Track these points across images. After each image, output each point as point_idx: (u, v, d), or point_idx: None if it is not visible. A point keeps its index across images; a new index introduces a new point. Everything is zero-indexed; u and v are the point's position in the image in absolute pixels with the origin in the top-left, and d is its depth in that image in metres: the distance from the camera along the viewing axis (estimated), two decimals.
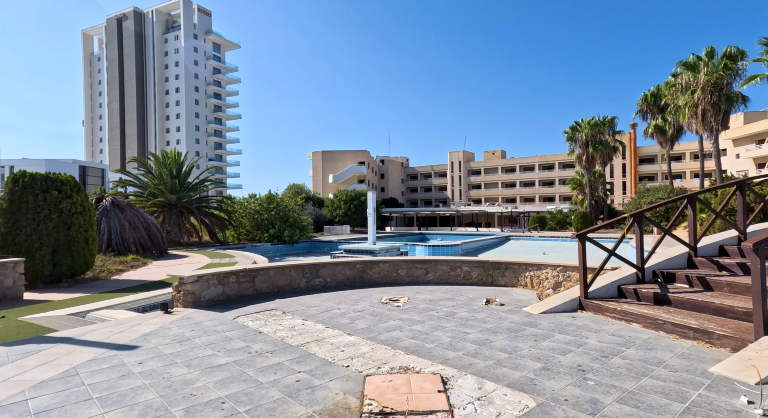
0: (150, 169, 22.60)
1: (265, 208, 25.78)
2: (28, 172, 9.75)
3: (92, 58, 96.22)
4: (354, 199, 51.22)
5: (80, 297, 8.13)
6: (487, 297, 5.91)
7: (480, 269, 7.04)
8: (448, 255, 22.19)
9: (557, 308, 5.07)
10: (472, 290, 6.65)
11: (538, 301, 5.84)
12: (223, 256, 16.38)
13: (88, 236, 10.33)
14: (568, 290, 5.50)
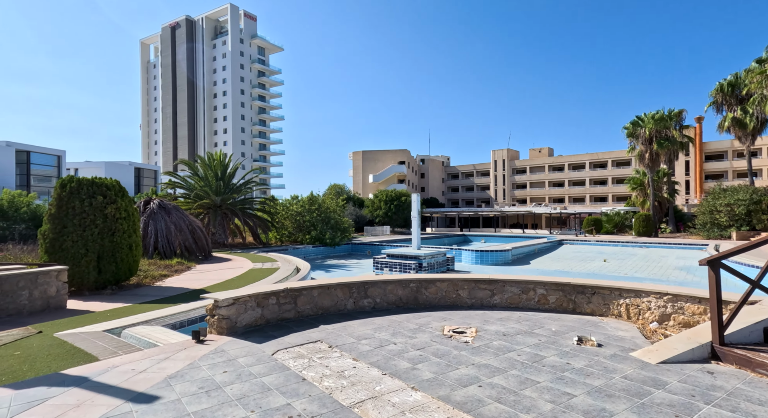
0: (196, 171, 22.92)
1: (307, 209, 25.51)
2: (75, 177, 9.65)
3: (149, 65, 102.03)
4: (394, 200, 50.43)
5: (120, 308, 7.80)
6: (577, 333, 4.77)
7: (559, 293, 5.89)
8: (499, 261, 20.74)
9: (681, 356, 3.87)
10: (552, 319, 5.52)
11: (644, 339, 4.63)
12: (265, 260, 16.04)
13: (132, 241, 10.13)
14: (689, 331, 4.27)
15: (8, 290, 7.13)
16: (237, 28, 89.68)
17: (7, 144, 29.25)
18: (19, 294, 7.26)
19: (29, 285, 7.41)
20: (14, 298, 7.20)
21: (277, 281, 11.08)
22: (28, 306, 7.38)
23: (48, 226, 9.25)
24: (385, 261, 17.34)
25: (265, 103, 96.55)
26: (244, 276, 11.91)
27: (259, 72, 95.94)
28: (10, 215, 17.36)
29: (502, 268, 19.32)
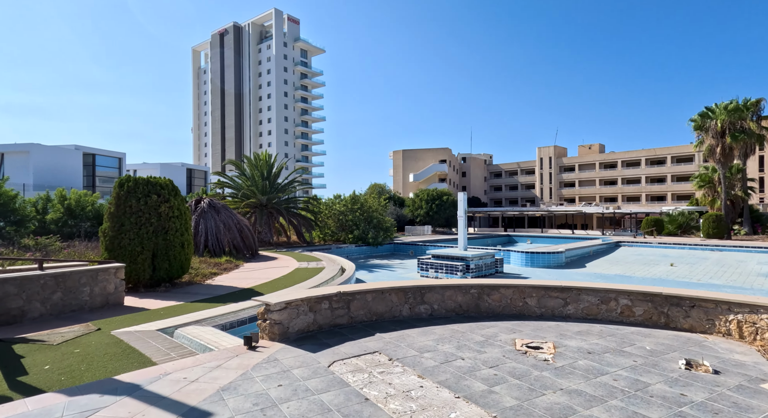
0: (243, 171, 23.45)
1: (350, 209, 25.42)
2: (132, 177, 9.90)
3: (199, 71, 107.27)
4: (436, 199, 49.56)
5: (173, 306, 7.83)
6: (682, 355, 4.02)
7: (647, 304, 5.11)
8: (551, 264, 19.54)
9: None
10: (641, 335, 4.77)
11: None
12: (310, 259, 15.99)
13: (184, 240, 10.26)
14: None
15: (71, 287, 7.32)
16: (281, 32, 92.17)
17: (75, 148, 31.46)
18: (81, 290, 7.44)
19: (90, 282, 7.59)
20: (76, 294, 7.39)
21: (323, 281, 10.87)
22: (89, 302, 7.56)
23: (108, 224, 9.54)
24: (431, 262, 16.78)
25: (307, 105, 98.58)
26: (291, 276, 11.81)
27: (302, 74, 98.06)
28: (77, 213, 18.47)
29: (555, 271, 18.16)
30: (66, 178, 29.55)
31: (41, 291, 6.94)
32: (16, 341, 5.53)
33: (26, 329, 6.26)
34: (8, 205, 14.41)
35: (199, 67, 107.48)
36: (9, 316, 6.56)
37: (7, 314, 6.55)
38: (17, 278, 6.69)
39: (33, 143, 28.41)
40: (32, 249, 12.83)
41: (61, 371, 4.46)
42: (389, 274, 17.82)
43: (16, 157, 28.63)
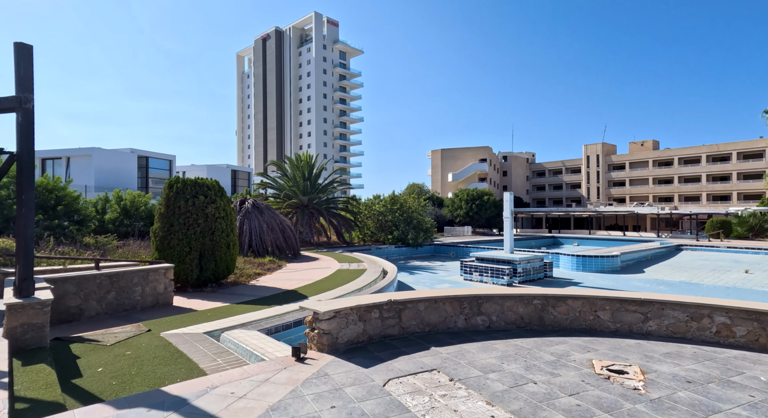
0: (285, 172, 23.77)
1: (389, 209, 25.13)
2: (181, 178, 10.08)
3: (243, 75, 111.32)
4: (476, 199, 48.29)
5: (219, 308, 7.81)
6: None
7: (751, 323, 4.35)
8: (605, 268, 18.24)
9: None
10: (750, 361, 4.04)
11: None
12: (351, 260, 15.82)
13: (230, 240, 10.34)
14: None
15: (124, 286, 7.46)
16: (320, 35, 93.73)
17: (131, 151, 33.34)
18: (133, 290, 7.58)
19: (141, 282, 7.72)
20: (129, 294, 7.53)
21: (365, 283, 10.59)
22: (141, 302, 7.68)
23: (158, 224, 9.76)
24: (474, 265, 16.11)
25: (345, 106, 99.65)
26: (333, 277, 11.64)
27: (341, 76, 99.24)
28: (131, 213, 19.39)
29: (610, 277, 16.91)
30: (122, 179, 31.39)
31: (97, 290, 7.12)
32: (73, 340, 5.62)
33: (83, 327, 6.40)
34: (72, 205, 15.29)
35: (243, 71, 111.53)
36: (68, 314, 6.76)
37: (67, 312, 6.74)
38: (76, 277, 6.88)
39: (94, 147, 30.34)
40: (92, 247, 13.50)
41: (112, 375, 4.42)
42: (431, 276, 17.33)
43: (79, 161, 30.71)
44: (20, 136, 5.00)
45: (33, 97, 5.04)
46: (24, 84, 4.95)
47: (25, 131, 4.99)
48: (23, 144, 4.99)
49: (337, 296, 8.91)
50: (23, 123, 4.97)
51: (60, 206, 14.71)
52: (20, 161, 5.06)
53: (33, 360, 4.45)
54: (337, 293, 9.16)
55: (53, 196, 14.72)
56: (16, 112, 5.02)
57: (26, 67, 4.89)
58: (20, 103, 4.94)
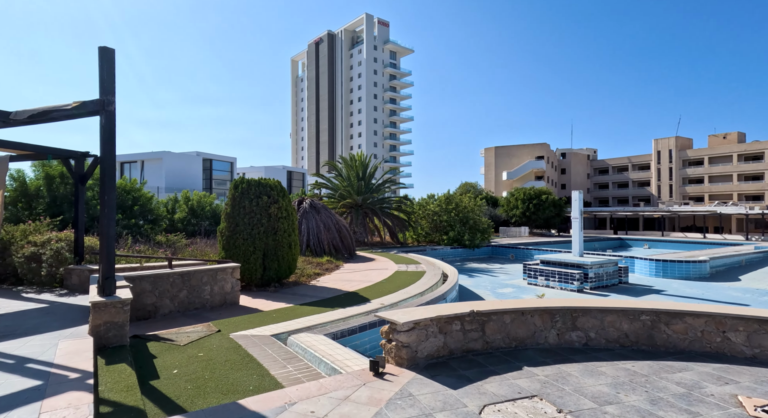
0: (340, 172, 23.93)
1: (444, 209, 24.46)
2: (246, 179, 10.25)
3: (297, 79, 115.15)
4: (533, 198, 46.01)
5: (283, 309, 7.75)
6: None
7: None
8: (690, 275, 16.33)
9: None
10: None
11: None
12: (408, 261, 15.44)
13: (291, 240, 10.36)
14: None
15: (195, 285, 7.62)
16: (371, 36, 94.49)
17: (197, 154, 35.42)
18: (202, 289, 7.73)
19: (210, 281, 7.85)
20: (199, 293, 7.68)
21: (427, 287, 10.16)
22: (210, 301, 7.82)
23: (224, 224, 9.98)
24: (539, 269, 15.09)
25: (395, 106, 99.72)
26: (393, 279, 11.32)
27: (391, 76, 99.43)
28: (198, 213, 20.41)
29: (698, 284, 15.10)
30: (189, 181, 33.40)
31: (170, 289, 7.31)
32: (150, 338, 5.73)
33: (158, 325, 6.57)
34: (146, 205, 16.32)
35: (297, 76, 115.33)
36: (144, 311, 6.99)
37: (143, 310, 6.97)
38: (151, 275, 7.11)
39: (165, 151, 32.54)
40: (164, 245, 14.29)
41: (187, 378, 4.37)
42: (491, 280, 16.51)
43: (152, 164, 33.11)
44: (103, 139, 5.14)
45: (115, 100, 5.16)
46: (106, 87, 5.08)
47: (107, 134, 5.12)
48: (105, 146, 5.12)
49: (399, 299, 8.56)
50: (106, 125, 5.10)
51: (136, 206, 15.74)
52: (103, 164, 5.21)
53: (115, 359, 4.51)
54: (399, 297, 8.81)
55: (130, 196, 15.77)
56: (99, 114, 5.17)
57: (109, 70, 5.00)
58: (103, 106, 5.06)
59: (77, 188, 8.40)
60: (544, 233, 48.41)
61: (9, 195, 14.18)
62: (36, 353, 4.30)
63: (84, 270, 8.20)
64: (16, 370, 3.80)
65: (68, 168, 8.42)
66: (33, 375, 3.66)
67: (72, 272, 8.35)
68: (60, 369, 3.79)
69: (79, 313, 6.51)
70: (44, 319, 6.02)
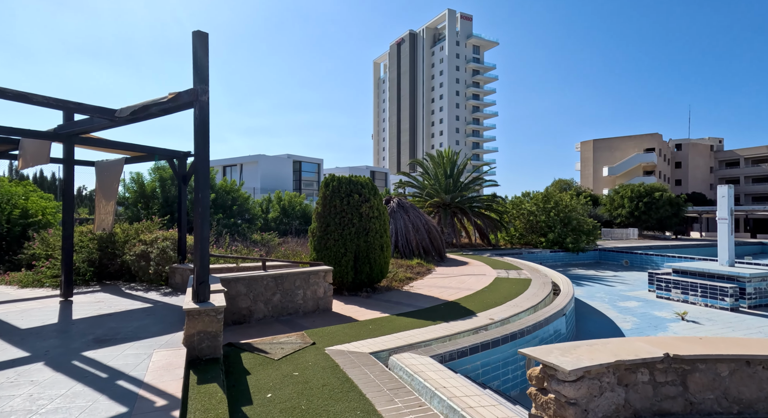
0: (426, 170, 22.94)
1: (542, 208, 22.11)
2: (336, 176, 9.75)
3: (379, 81, 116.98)
4: (644, 196, 40.35)
5: (379, 319, 6.96)
6: None
7: None
8: None
9: None
10: None
11: None
12: (506, 266, 13.88)
13: (383, 242, 9.61)
14: None
15: (288, 289, 7.19)
16: (453, 32, 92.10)
17: (287, 156, 37.15)
18: (295, 293, 7.27)
19: (303, 285, 7.37)
20: (292, 297, 7.23)
21: (539, 299, 8.67)
22: (302, 306, 7.34)
23: (315, 224, 9.57)
24: (673, 280, 12.47)
25: (478, 102, 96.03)
26: (495, 288, 9.98)
27: (474, 71, 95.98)
28: (289, 212, 20.95)
29: None
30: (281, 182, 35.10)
31: (264, 292, 6.95)
32: (243, 347, 5.29)
33: (252, 331, 6.18)
34: (244, 205, 17.00)
35: (379, 77, 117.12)
36: (240, 315, 6.69)
37: (239, 313, 6.68)
38: (246, 277, 6.80)
39: (260, 154, 34.57)
40: (258, 244, 14.63)
41: (282, 407, 3.70)
42: (607, 290, 14.17)
43: (249, 167, 35.41)
44: (196, 131, 4.75)
45: (208, 90, 4.75)
46: (201, 74, 4.68)
47: (200, 125, 4.72)
48: (199, 139, 4.72)
49: (510, 314, 7.27)
50: (199, 116, 4.70)
51: (235, 206, 16.43)
52: (196, 159, 4.83)
53: (207, 376, 4.02)
54: (509, 311, 7.52)
55: (230, 197, 16.52)
56: (193, 106, 4.80)
57: (203, 55, 4.59)
58: (197, 96, 4.67)
59: (180, 188, 8.56)
60: (658, 236, 42.16)
61: (130, 196, 15.68)
62: (129, 366, 3.98)
63: (186, 269, 8.30)
64: (106, 388, 3.45)
65: (173, 168, 8.62)
66: (120, 397, 3.24)
67: (175, 270, 8.53)
68: (149, 392, 3.34)
69: (178, 316, 6.39)
70: (145, 322, 5.95)
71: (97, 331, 5.31)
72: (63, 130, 6.67)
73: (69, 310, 6.54)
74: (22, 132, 6.47)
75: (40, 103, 4.91)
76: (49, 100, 4.99)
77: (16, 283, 8.37)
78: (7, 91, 4.69)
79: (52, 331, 5.32)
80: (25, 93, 4.78)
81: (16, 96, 4.75)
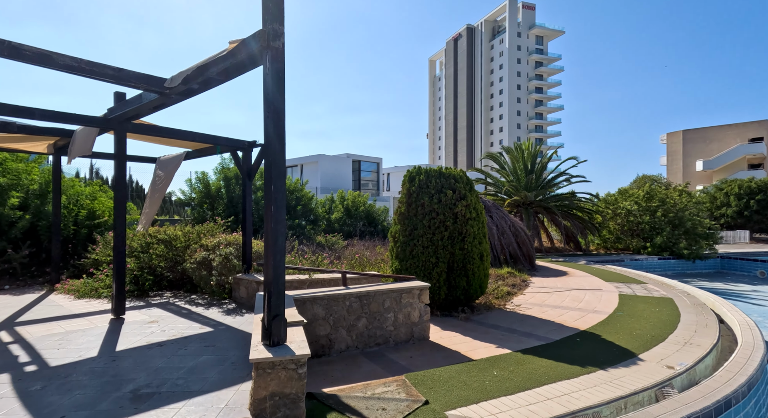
0: (503, 165, 20.56)
1: (644, 207, 18.83)
2: (423, 168, 8.02)
3: (435, 79, 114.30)
4: (755, 193, 34.45)
5: (499, 357, 5.09)
6: None
7: None
8: None
9: None
10: None
11: None
12: (623, 278, 11.33)
13: (482, 249, 7.72)
14: None
15: (375, 312, 5.57)
16: (515, 23, 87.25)
17: (347, 156, 36.28)
18: (384, 317, 5.63)
19: (394, 306, 5.71)
20: (380, 322, 5.60)
21: (713, 331, 6.30)
22: (393, 334, 5.68)
23: (398, 226, 7.89)
24: None
25: (542, 95, 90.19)
26: (630, 311, 7.66)
27: (537, 63, 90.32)
28: (352, 213, 19.65)
29: None
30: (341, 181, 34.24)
31: (347, 316, 5.38)
32: (330, 403, 3.69)
33: (335, 370, 4.61)
34: (307, 205, 15.88)
35: (435, 75, 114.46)
36: (318, 345, 5.17)
37: (316, 343, 5.16)
38: (324, 297, 5.27)
39: (320, 154, 33.97)
40: (325, 247, 13.35)
41: None
42: (759, 311, 11.07)
43: (309, 167, 34.96)
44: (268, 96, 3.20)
45: (284, 32, 3.19)
46: (273, 10, 3.14)
47: (274, 87, 3.17)
48: (270, 110, 3.17)
49: (696, 359, 5.05)
50: (272, 72, 3.16)
51: (299, 207, 15.35)
52: (267, 139, 3.30)
53: None
54: (689, 353, 5.29)
55: (294, 196, 15.47)
56: (262, 58, 3.26)
57: None
58: (268, 41, 3.13)
59: (245, 184, 7.31)
60: None
61: (196, 196, 15.14)
62: None
63: (251, 281, 7.01)
64: None
65: (236, 161, 7.40)
66: None
67: (240, 282, 7.28)
68: None
69: (243, 348, 5.00)
70: (201, 359, 4.60)
71: (140, 376, 4.01)
72: (113, 114, 5.57)
73: (116, 335, 5.43)
74: (69, 117, 5.46)
75: (67, 66, 3.66)
76: (81, 63, 3.74)
77: (73, 292, 7.62)
78: (25, 48, 3.48)
79: (85, 372, 4.12)
80: (47, 52, 3.55)
81: (37, 57, 3.52)
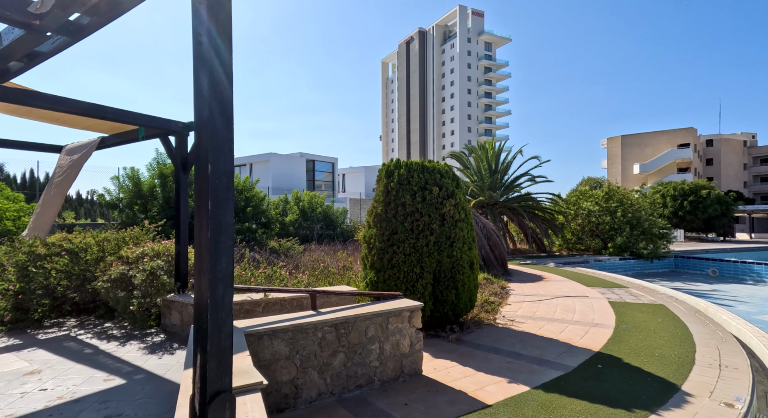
0: (467, 164, 19.91)
1: (604, 208, 18.98)
2: (404, 162, 6.77)
3: (387, 81, 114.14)
4: (688, 194, 37.03)
5: (518, 399, 3.94)
6: None
7: None
8: None
9: None
10: None
11: None
12: (602, 282, 10.80)
13: (472, 256, 6.62)
14: None
15: (354, 344, 4.21)
16: (465, 28, 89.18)
17: (300, 155, 34.29)
18: (367, 350, 4.29)
19: (379, 335, 4.39)
20: (363, 356, 4.25)
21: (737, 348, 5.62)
22: (379, 371, 4.35)
23: (374, 230, 6.57)
24: None
25: (491, 100, 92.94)
26: (634, 324, 6.91)
27: (486, 68, 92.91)
28: (308, 215, 18.03)
29: None
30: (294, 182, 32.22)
31: (319, 352, 3.98)
32: None
33: None
34: (259, 207, 14.09)
35: (387, 77, 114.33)
36: (279, 396, 3.72)
37: (278, 393, 3.71)
38: (288, 328, 3.83)
39: (271, 153, 31.75)
40: (279, 254, 11.71)
41: None
42: None
43: (259, 166, 32.57)
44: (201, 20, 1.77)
45: None
46: None
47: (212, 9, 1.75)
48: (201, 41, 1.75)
49: (746, 390, 4.21)
50: None
51: (249, 208, 13.53)
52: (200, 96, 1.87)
53: None
54: (733, 380, 4.46)
55: (243, 197, 13.62)
56: None
57: None
58: None
59: (178, 178, 5.63)
60: (703, 238, 38.72)
61: (125, 197, 12.83)
62: None
63: (187, 304, 5.36)
64: None
65: (167, 149, 5.71)
66: None
67: (171, 305, 5.57)
68: None
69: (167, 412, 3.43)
70: None
71: None
72: None
73: None
74: None
75: None
76: None
77: None
78: None
79: None
80: None
81: None
